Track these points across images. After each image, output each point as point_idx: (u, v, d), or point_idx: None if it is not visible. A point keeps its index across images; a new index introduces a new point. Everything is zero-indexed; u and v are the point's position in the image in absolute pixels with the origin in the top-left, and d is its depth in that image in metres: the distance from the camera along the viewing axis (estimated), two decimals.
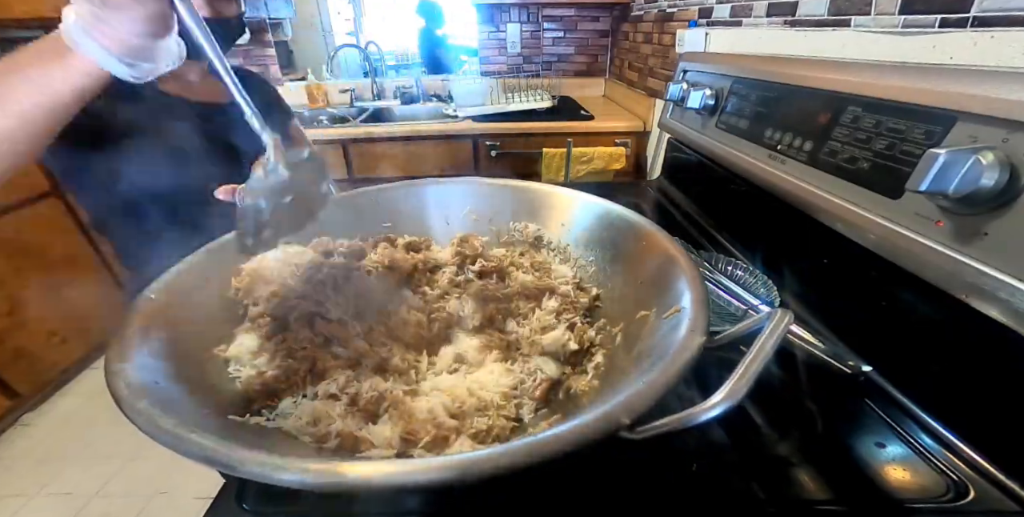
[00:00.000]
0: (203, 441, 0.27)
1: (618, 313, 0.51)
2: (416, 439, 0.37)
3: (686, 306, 0.38)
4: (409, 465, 0.26)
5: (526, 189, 0.66)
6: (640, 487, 0.40)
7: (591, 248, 0.59)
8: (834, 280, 0.61)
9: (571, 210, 0.62)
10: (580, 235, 0.61)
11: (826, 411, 0.48)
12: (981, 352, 0.43)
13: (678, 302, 0.39)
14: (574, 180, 1.65)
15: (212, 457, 0.26)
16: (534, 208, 0.65)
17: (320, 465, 0.25)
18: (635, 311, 0.46)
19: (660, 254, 0.48)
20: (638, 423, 0.28)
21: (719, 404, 0.28)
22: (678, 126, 1.05)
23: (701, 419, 0.28)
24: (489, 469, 0.25)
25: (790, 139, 0.67)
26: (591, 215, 0.60)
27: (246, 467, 0.25)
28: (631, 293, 0.50)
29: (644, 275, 0.49)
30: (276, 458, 0.26)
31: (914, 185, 0.41)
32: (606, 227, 0.58)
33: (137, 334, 0.37)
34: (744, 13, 1.01)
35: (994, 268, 0.39)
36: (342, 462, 0.25)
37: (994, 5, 0.51)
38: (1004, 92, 0.40)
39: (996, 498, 0.39)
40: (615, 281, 0.55)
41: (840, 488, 0.40)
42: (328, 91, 2.21)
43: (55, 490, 1.38)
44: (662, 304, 0.42)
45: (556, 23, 2.14)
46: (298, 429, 0.38)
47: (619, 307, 0.52)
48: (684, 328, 0.35)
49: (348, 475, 0.25)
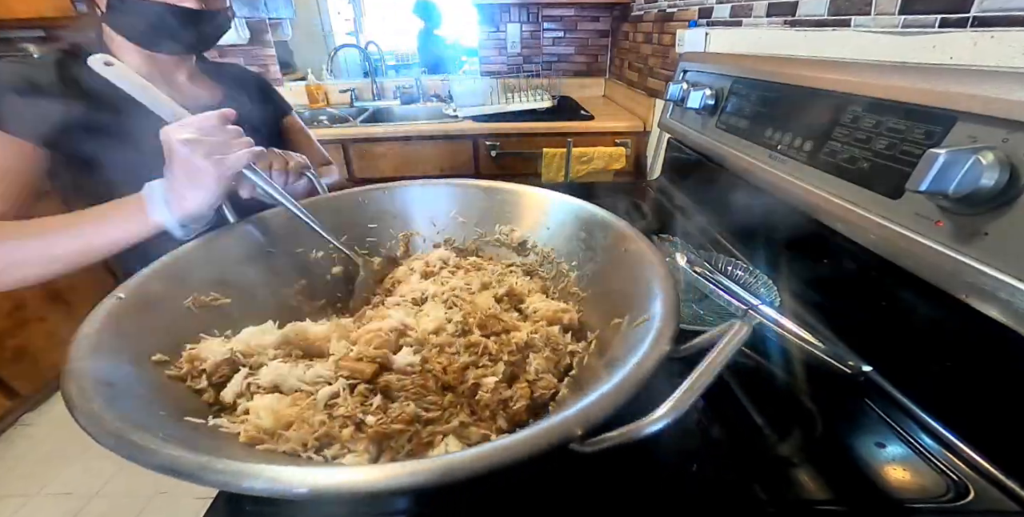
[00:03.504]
0: (162, 448, 0.26)
1: (595, 320, 0.50)
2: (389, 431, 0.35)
3: (656, 314, 0.38)
4: (376, 472, 0.25)
5: (513, 192, 0.65)
6: (640, 487, 0.40)
7: (575, 252, 0.59)
8: (834, 280, 0.61)
9: (556, 214, 0.62)
10: (564, 240, 0.60)
11: (826, 411, 0.48)
12: (981, 352, 0.43)
13: (648, 310, 0.39)
14: (574, 180, 1.65)
15: (172, 465, 0.25)
16: (520, 211, 0.65)
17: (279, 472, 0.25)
18: (610, 318, 0.45)
19: (639, 261, 0.47)
20: (592, 434, 0.28)
21: (663, 417, 0.27)
22: (678, 126, 1.05)
23: (645, 432, 0.27)
24: (436, 479, 0.24)
25: (790, 139, 0.67)
26: (576, 219, 0.59)
27: (207, 476, 0.25)
28: (608, 299, 0.49)
29: (623, 282, 0.48)
30: (237, 464, 0.25)
31: (914, 185, 0.41)
32: (589, 232, 0.57)
33: (100, 333, 0.36)
34: (744, 13, 1.01)
35: (994, 268, 0.39)
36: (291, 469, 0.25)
37: (994, 5, 0.51)
38: (1004, 92, 0.40)
39: (996, 498, 0.39)
40: (595, 287, 0.54)
41: (840, 488, 0.40)
42: (328, 91, 2.21)
43: (55, 490, 1.38)
44: (635, 311, 0.41)
45: (556, 23, 2.14)
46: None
47: (596, 314, 0.51)
48: (649, 338, 0.35)
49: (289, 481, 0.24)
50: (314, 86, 2.16)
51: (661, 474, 0.42)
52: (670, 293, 0.40)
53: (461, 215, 0.67)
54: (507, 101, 1.79)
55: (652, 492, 0.40)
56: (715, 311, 0.61)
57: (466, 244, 0.67)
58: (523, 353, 0.45)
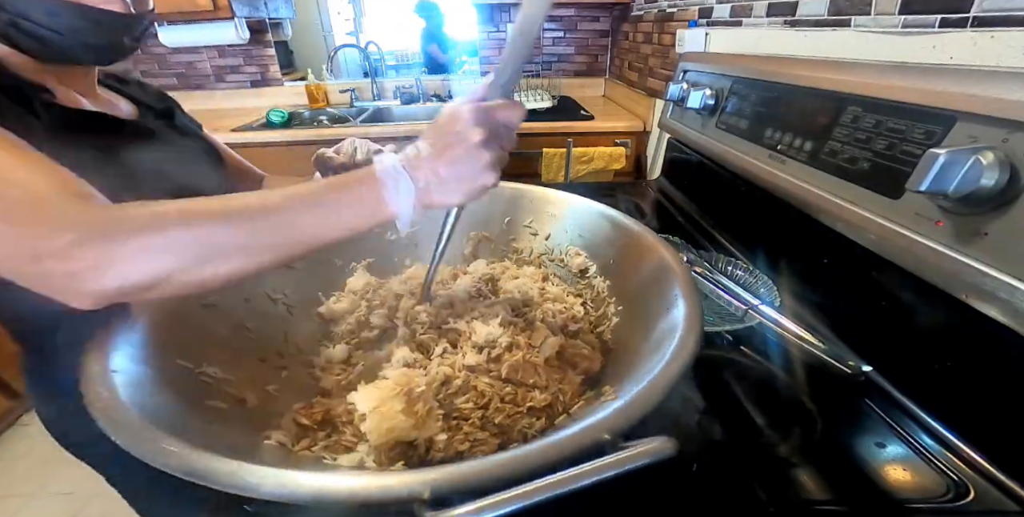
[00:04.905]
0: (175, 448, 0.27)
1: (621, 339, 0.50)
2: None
3: (679, 320, 0.38)
4: (392, 478, 0.25)
5: (526, 192, 0.65)
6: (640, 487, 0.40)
7: (591, 256, 0.59)
8: (834, 280, 0.61)
9: (569, 216, 0.62)
10: (579, 241, 0.61)
11: (826, 411, 0.48)
12: (981, 352, 0.43)
13: (671, 313, 0.40)
14: (574, 180, 1.65)
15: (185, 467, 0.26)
16: (530, 212, 0.65)
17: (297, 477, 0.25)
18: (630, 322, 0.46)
19: (658, 266, 0.47)
20: (624, 439, 0.28)
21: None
22: (678, 126, 1.05)
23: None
24: (474, 483, 0.25)
25: (790, 139, 0.67)
26: (588, 220, 0.60)
27: (221, 479, 0.25)
28: (626, 302, 0.50)
29: (639, 284, 0.48)
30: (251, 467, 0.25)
31: (914, 185, 0.41)
32: (605, 235, 0.57)
33: (116, 338, 0.37)
34: (744, 13, 1.01)
35: (994, 268, 0.39)
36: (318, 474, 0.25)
37: (994, 5, 0.51)
38: (1004, 92, 0.40)
39: (996, 498, 0.39)
40: (612, 290, 0.54)
41: (840, 488, 0.40)
42: (328, 91, 2.21)
43: (55, 490, 1.38)
44: (654, 316, 0.42)
45: (556, 23, 2.14)
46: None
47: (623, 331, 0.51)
48: (674, 342, 0.35)
49: (305, 487, 0.24)
50: (314, 86, 2.16)
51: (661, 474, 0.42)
52: (694, 300, 0.40)
53: (470, 215, 0.63)
54: None
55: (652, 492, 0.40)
56: (715, 311, 0.61)
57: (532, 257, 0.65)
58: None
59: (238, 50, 2.14)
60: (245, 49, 2.14)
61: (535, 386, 0.42)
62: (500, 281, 0.58)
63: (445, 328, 0.49)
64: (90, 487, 1.38)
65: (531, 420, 0.40)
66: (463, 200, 0.39)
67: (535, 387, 0.42)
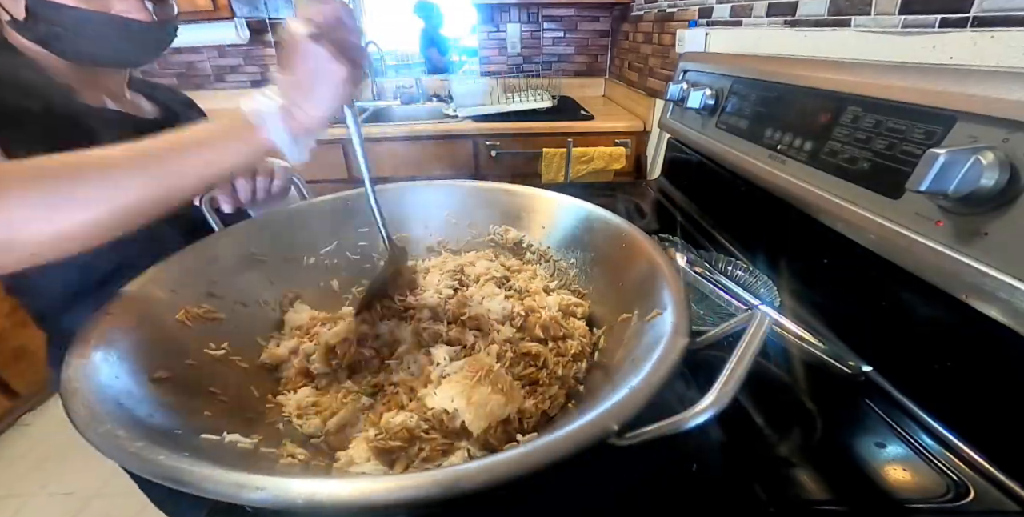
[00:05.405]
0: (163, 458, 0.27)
1: (601, 316, 0.51)
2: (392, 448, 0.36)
3: (668, 308, 0.38)
4: (392, 481, 0.25)
5: (506, 192, 0.65)
6: (640, 487, 0.40)
7: (572, 251, 0.59)
8: (834, 280, 0.61)
9: (552, 213, 0.62)
10: (561, 238, 0.61)
11: (826, 411, 0.48)
12: (981, 352, 0.43)
13: (659, 305, 0.39)
14: (574, 180, 1.65)
15: (172, 475, 0.26)
16: (514, 211, 0.65)
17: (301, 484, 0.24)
18: (617, 314, 0.46)
19: (641, 257, 0.48)
20: (627, 429, 0.28)
21: (707, 409, 0.28)
22: (678, 126, 1.05)
23: (690, 424, 0.28)
24: (481, 482, 0.24)
25: (790, 139, 0.67)
26: (572, 218, 0.60)
27: (206, 485, 0.25)
28: (613, 296, 0.50)
29: (625, 277, 0.49)
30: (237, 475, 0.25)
31: (914, 185, 0.41)
32: (587, 230, 0.57)
33: (96, 352, 0.36)
34: (744, 13, 1.01)
35: (994, 268, 0.39)
36: (322, 480, 0.25)
37: (994, 5, 0.51)
38: (1004, 92, 0.40)
39: (996, 498, 0.39)
40: (597, 283, 0.55)
41: (840, 488, 0.40)
42: None
43: (55, 490, 1.38)
44: (644, 306, 0.42)
45: (556, 23, 2.14)
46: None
47: (602, 310, 0.52)
48: (667, 331, 0.35)
49: (319, 494, 0.24)
50: None
51: (661, 474, 0.42)
52: (678, 287, 0.40)
53: (453, 216, 0.67)
54: (507, 101, 1.79)
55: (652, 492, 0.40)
56: (715, 311, 0.61)
57: (459, 246, 0.67)
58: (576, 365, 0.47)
59: (238, 50, 2.13)
60: (245, 49, 2.14)
61: (565, 337, 0.48)
62: (467, 268, 0.61)
63: (463, 319, 0.51)
64: (90, 487, 1.38)
65: (578, 365, 0.46)
66: (333, 104, 0.39)
67: (566, 337, 0.48)
